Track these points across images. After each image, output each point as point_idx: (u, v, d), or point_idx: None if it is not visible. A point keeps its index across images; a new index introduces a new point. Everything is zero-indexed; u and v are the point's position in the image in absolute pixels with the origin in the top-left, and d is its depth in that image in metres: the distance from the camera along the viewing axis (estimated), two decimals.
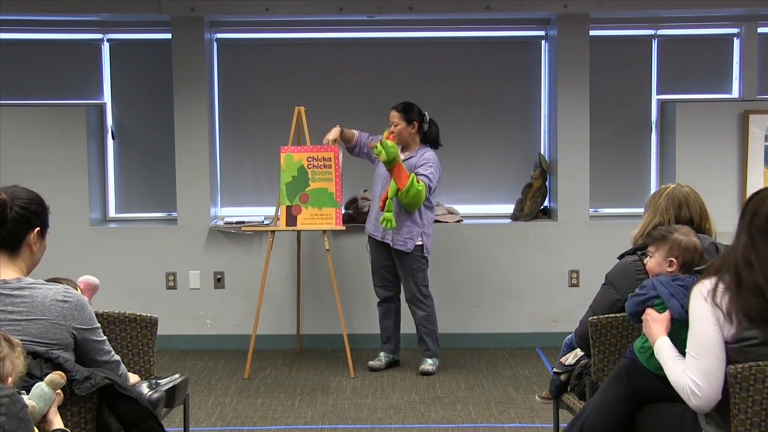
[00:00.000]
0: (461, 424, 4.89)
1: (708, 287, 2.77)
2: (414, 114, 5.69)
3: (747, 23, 6.57)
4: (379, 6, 6.30)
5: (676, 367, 2.89)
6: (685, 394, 2.81)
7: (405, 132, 5.67)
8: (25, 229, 2.75)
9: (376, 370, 5.84)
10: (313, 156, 5.76)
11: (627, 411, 3.13)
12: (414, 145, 5.75)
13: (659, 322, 3.07)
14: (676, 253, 3.22)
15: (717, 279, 2.78)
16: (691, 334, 2.81)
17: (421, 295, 5.78)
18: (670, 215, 3.55)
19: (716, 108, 6.47)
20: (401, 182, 5.45)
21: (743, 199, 6.39)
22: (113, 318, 3.54)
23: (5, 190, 2.76)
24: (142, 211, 6.80)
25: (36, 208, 2.78)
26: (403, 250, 5.67)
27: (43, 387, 2.51)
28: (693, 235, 3.27)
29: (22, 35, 6.65)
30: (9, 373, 2.43)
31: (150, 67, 6.70)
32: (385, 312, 5.93)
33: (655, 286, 3.15)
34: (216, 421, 4.96)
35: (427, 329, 5.81)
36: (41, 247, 2.83)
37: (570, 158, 6.45)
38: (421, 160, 5.65)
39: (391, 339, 5.95)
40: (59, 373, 2.55)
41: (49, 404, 2.51)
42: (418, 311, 5.79)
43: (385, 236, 5.70)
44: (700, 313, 2.77)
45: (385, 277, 5.87)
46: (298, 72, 6.70)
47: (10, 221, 2.71)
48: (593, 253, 6.34)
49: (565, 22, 6.38)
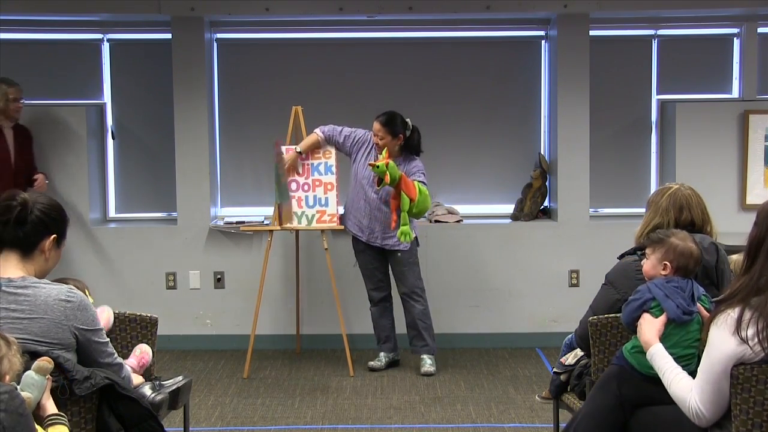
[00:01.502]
0: (461, 424, 4.89)
1: (734, 317, 2.69)
2: (398, 126, 5.63)
3: (747, 23, 6.57)
4: (379, 6, 6.30)
5: (678, 383, 2.88)
6: (687, 412, 2.82)
7: (390, 145, 5.61)
8: (41, 233, 2.77)
9: (376, 371, 5.84)
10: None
11: (617, 418, 3.13)
12: (398, 153, 5.68)
13: (652, 325, 3.07)
14: (671, 257, 3.22)
15: (742, 307, 2.69)
16: (707, 359, 2.77)
17: (419, 288, 5.80)
18: (671, 216, 3.54)
19: (716, 108, 6.47)
20: (412, 193, 5.44)
21: (743, 199, 6.40)
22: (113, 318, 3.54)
23: (29, 193, 2.82)
24: (142, 211, 6.80)
25: (56, 216, 2.82)
26: (402, 248, 5.68)
27: (33, 375, 2.52)
28: (690, 240, 3.25)
29: (22, 35, 6.65)
30: (6, 372, 2.43)
31: (150, 67, 6.70)
32: (381, 312, 5.93)
33: (650, 289, 3.15)
34: (216, 421, 4.96)
35: (425, 323, 5.81)
36: (55, 256, 2.85)
37: (570, 158, 6.45)
38: (412, 168, 5.64)
39: (390, 338, 5.95)
40: (46, 358, 2.55)
41: (41, 391, 2.52)
42: (417, 305, 5.79)
43: (376, 239, 5.71)
44: (721, 345, 2.71)
45: (378, 278, 5.87)
46: (298, 72, 6.70)
47: (29, 223, 2.74)
48: (593, 253, 6.34)
49: (565, 22, 6.38)
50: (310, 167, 5.84)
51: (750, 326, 2.66)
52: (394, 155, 5.64)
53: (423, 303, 5.81)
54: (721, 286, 3.41)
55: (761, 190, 6.40)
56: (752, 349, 2.66)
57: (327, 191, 5.81)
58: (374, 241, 5.73)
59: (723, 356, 2.71)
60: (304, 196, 5.83)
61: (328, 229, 5.83)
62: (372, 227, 5.71)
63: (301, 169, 5.82)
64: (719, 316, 2.74)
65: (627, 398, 3.12)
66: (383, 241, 5.71)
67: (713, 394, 2.75)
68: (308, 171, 5.84)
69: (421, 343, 5.83)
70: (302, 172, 5.83)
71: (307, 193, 5.83)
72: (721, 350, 2.71)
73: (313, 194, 5.83)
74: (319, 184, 5.83)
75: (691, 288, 3.16)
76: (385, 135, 5.61)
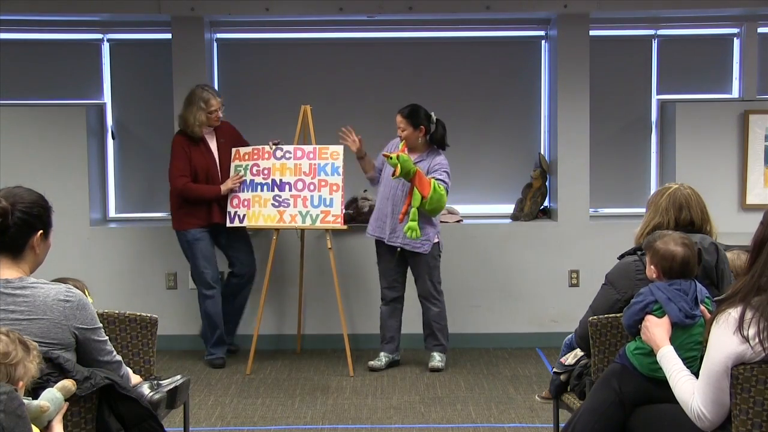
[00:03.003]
0: (461, 424, 4.89)
1: (735, 317, 2.68)
2: (420, 118, 5.69)
3: (747, 23, 6.57)
4: (379, 6, 6.30)
5: (683, 386, 2.88)
6: (691, 414, 2.82)
7: (412, 137, 5.68)
8: (27, 234, 2.72)
9: (376, 370, 5.84)
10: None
11: (617, 416, 3.13)
12: (422, 148, 5.75)
13: (661, 327, 3.06)
14: (655, 261, 3.21)
15: (743, 306, 2.69)
16: (708, 361, 2.77)
17: (436, 291, 5.82)
18: (671, 216, 3.54)
19: (716, 108, 6.47)
20: (425, 190, 5.46)
21: (743, 199, 6.39)
22: (113, 318, 3.54)
23: (7, 194, 2.71)
24: (142, 211, 6.80)
25: (38, 212, 2.74)
26: (421, 252, 5.69)
27: (55, 392, 2.50)
28: (678, 242, 3.20)
29: (22, 35, 6.65)
30: (21, 377, 2.42)
31: (150, 67, 6.70)
32: (390, 312, 5.93)
33: (652, 292, 3.14)
34: (216, 421, 4.96)
35: (439, 325, 5.85)
36: (45, 247, 2.81)
37: (570, 158, 6.45)
38: (434, 165, 5.67)
39: (394, 339, 5.95)
40: (72, 381, 2.53)
41: (58, 410, 2.50)
42: (433, 308, 5.82)
43: (396, 240, 5.71)
44: (721, 345, 2.71)
45: (394, 278, 5.88)
46: (298, 72, 6.70)
47: (12, 227, 2.68)
48: (593, 253, 6.34)
49: (565, 22, 6.38)
50: (316, 167, 5.83)
51: (751, 326, 2.66)
52: (419, 149, 5.70)
53: (439, 306, 5.85)
54: (721, 286, 3.40)
55: (761, 190, 6.40)
56: (753, 348, 2.66)
57: (332, 192, 5.80)
58: (395, 240, 5.74)
59: (724, 356, 2.70)
60: (309, 196, 5.82)
61: (331, 229, 5.82)
62: (394, 226, 5.72)
63: (308, 169, 5.82)
64: (720, 315, 2.73)
65: (627, 396, 3.12)
66: (404, 240, 5.71)
67: (715, 395, 2.75)
68: (314, 171, 5.83)
69: (434, 342, 5.87)
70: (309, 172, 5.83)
71: (313, 192, 5.82)
72: (721, 350, 2.71)
73: (318, 194, 5.82)
74: (325, 185, 5.82)
75: (695, 290, 3.14)
76: (407, 126, 5.67)
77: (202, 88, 5.87)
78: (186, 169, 5.85)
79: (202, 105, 5.82)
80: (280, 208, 5.84)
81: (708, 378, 2.76)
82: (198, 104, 5.83)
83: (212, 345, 6.06)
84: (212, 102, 5.84)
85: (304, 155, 5.85)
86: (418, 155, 5.72)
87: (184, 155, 5.85)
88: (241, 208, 5.88)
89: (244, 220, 5.87)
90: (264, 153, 5.89)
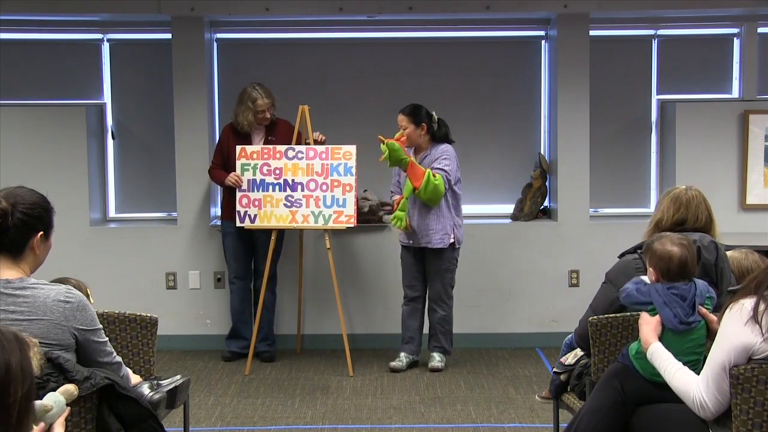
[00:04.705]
0: (461, 424, 4.89)
1: (748, 308, 2.69)
2: (422, 116, 5.72)
3: (747, 23, 6.57)
4: (379, 6, 6.30)
5: (681, 378, 2.88)
6: (692, 404, 2.82)
7: (414, 135, 5.70)
8: (28, 235, 2.71)
9: (398, 371, 5.82)
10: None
11: (620, 415, 3.14)
12: (426, 145, 5.78)
13: (650, 325, 3.07)
14: (653, 263, 3.21)
15: (757, 298, 2.70)
16: (716, 348, 2.77)
17: (446, 296, 5.83)
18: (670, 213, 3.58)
19: (716, 108, 6.47)
20: (417, 181, 5.49)
21: (743, 198, 6.39)
22: (113, 318, 3.54)
23: (8, 194, 2.70)
24: (142, 211, 6.80)
25: (39, 213, 2.73)
26: (441, 247, 5.70)
27: (58, 396, 2.50)
28: (675, 243, 3.19)
29: (22, 35, 6.65)
30: None
31: (150, 67, 6.70)
32: (410, 312, 5.93)
33: (651, 293, 3.15)
34: (216, 421, 4.96)
35: (444, 328, 5.85)
36: (45, 248, 2.80)
37: (570, 158, 6.45)
38: (438, 152, 5.70)
39: (414, 339, 5.94)
40: (74, 385, 2.53)
41: (60, 413, 2.50)
42: (439, 311, 5.83)
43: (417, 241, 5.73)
44: (732, 335, 2.71)
45: (415, 276, 5.89)
46: (298, 72, 6.70)
47: (12, 228, 2.67)
48: (593, 253, 6.34)
49: (565, 22, 6.38)
50: (328, 167, 5.83)
51: (764, 317, 2.67)
52: (423, 147, 5.75)
53: (446, 310, 5.85)
54: (721, 284, 3.43)
55: (761, 190, 6.40)
56: (765, 341, 2.66)
57: (345, 192, 5.79)
58: (417, 242, 5.76)
59: (733, 346, 2.71)
60: (322, 196, 5.81)
61: (344, 228, 5.83)
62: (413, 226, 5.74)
63: (320, 169, 5.82)
64: (733, 305, 2.74)
65: (630, 396, 3.12)
66: (423, 239, 5.72)
67: (719, 384, 2.75)
68: (327, 171, 5.82)
69: (436, 343, 5.88)
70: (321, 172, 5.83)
71: (325, 193, 5.81)
72: (731, 340, 2.71)
73: (331, 194, 5.80)
74: (338, 185, 5.81)
75: (694, 294, 3.13)
76: (408, 124, 5.70)
77: (253, 87, 5.92)
78: (218, 157, 6.05)
79: (250, 104, 5.88)
80: (293, 209, 5.84)
81: (714, 366, 2.76)
82: (246, 103, 5.89)
83: (227, 338, 6.18)
84: (259, 102, 5.88)
85: (316, 155, 5.84)
86: (423, 153, 5.74)
87: (221, 146, 6.04)
88: (252, 208, 5.87)
89: (256, 220, 5.87)
90: (275, 152, 5.87)
